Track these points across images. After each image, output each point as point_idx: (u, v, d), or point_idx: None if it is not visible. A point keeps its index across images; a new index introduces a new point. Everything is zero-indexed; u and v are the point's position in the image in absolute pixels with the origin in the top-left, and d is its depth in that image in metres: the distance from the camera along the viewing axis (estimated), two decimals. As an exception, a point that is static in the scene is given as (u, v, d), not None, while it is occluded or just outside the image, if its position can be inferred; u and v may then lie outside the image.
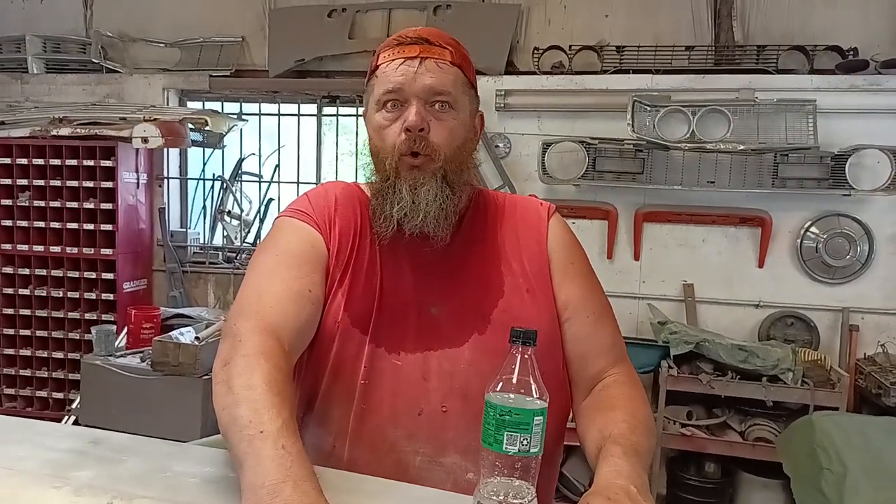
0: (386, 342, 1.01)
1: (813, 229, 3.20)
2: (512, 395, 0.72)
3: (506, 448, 0.71)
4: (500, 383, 0.74)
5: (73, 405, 2.87)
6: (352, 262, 1.03)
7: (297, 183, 3.77)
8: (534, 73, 3.40)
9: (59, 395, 3.65)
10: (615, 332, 1.10)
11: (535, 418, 0.72)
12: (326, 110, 3.72)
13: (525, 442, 0.71)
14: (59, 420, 2.76)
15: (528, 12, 3.49)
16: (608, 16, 3.42)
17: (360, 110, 1.09)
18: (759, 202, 3.21)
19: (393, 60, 1.01)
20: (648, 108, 3.14)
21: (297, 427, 0.78)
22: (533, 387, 0.74)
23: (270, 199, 3.85)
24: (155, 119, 3.44)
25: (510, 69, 3.46)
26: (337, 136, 3.68)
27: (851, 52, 3.11)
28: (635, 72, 3.28)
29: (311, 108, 3.79)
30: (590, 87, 3.31)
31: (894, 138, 3.05)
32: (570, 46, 3.36)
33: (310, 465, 0.73)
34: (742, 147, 3.02)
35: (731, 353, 2.89)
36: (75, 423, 2.68)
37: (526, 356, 0.74)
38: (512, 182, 3.36)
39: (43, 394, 3.68)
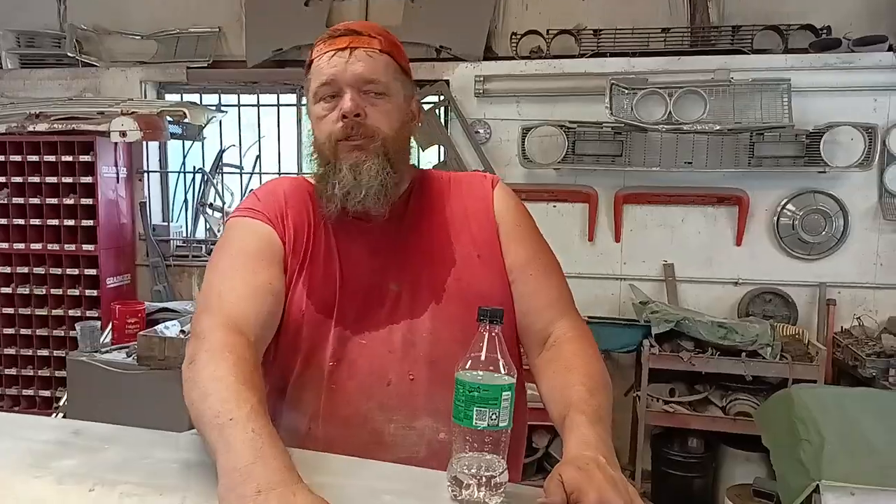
0: (351, 323, 1.06)
1: (789, 206, 3.25)
2: (480, 373, 0.75)
3: (476, 423, 0.74)
4: (469, 361, 0.76)
5: (61, 402, 2.87)
6: (309, 252, 1.08)
7: (279, 174, 3.77)
8: (512, 58, 3.41)
9: (46, 393, 3.64)
10: (561, 286, 1.14)
11: (503, 393, 0.74)
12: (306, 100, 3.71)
13: (494, 416, 0.74)
14: (47, 417, 2.77)
15: (505, -3, 3.49)
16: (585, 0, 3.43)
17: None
18: (736, 181, 3.26)
19: (325, 53, 1.06)
20: (626, 91, 3.16)
21: (266, 411, 0.80)
22: (500, 363, 0.76)
23: (252, 191, 3.83)
24: (133, 112, 3.43)
25: (488, 55, 3.46)
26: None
27: (825, 31, 3.15)
28: (612, 55, 3.30)
29: (291, 98, 3.78)
30: (568, 71, 3.33)
31: (867, 115, 3.10)
32: (548, 31, 3.37)
33: (281, 444, 0.75)
34: (718, 127, 3.06)
35: (710, 331, 2.94)
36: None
37: (493, 334, 0.77)
38: (493, 167, 3.38)
39: (30, 392, 3.68)
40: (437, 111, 3.47)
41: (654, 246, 3.39)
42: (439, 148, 3.47)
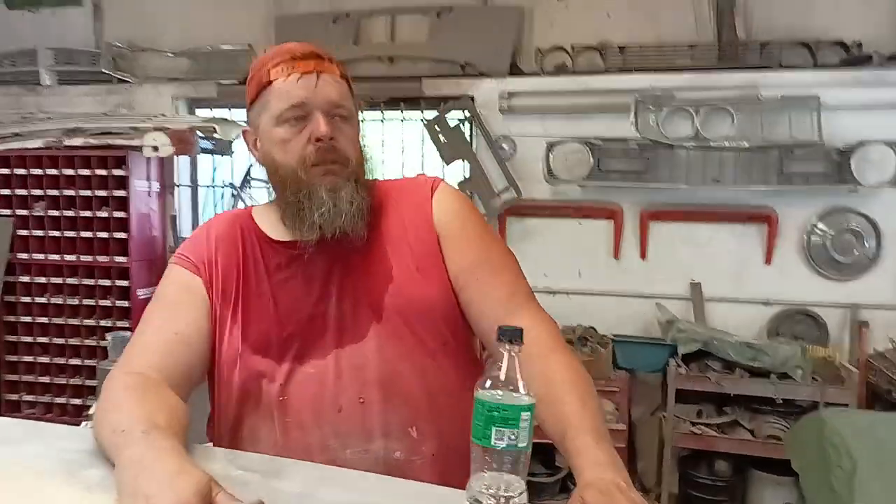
0: (295, 355, 1.05)
1: (820, 225, 3.19)
2: (500, 392, 0.75)
3: (494, 443, 0.73)
4: (489, 381, 0.76)
5: (90, 410, 2.92)
6: (240, 294, 1.07)
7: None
8: (537, 74, 3.42)
9: (77, 401, 3.71)
10: (513, 282, 1.10)
11: (523, 414, 0.74)
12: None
13: (513, 437, 0.74)
14: (77, 425, 2.81)
15: (530, 14, 3.51)
16: (610, 16, 3.43)
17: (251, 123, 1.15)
18: (765, 199, 3.21)
19: (290, 75, 1.04)
20: (652, 108, 3.15)
21: (167, 426, 0.83)
22: (520, 383, 0.76)
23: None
24: (165, 128, 3.50)
25: (513, 71, 3.48)
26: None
27: (855, 47, 3.10)
28: (638, 71, 3.29)
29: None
30: (593, 88, 3.32)
31: (899, 132, 3.04)
32: (573, 47, 3.38)
33: (176, 439, 0.80)
34: (747, 144, 3.03)
35: (739, 351, 2.89)
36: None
37: (513, 354, 0.77)
38: (517, 183, 3.38)
39: (61, 400, 3.74)
40: (461, 127, 3.49)
41: (681, 264, 3.35)
42: (464, 163, 3.49)
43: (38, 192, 3.67)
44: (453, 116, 3.47)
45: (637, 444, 3.25)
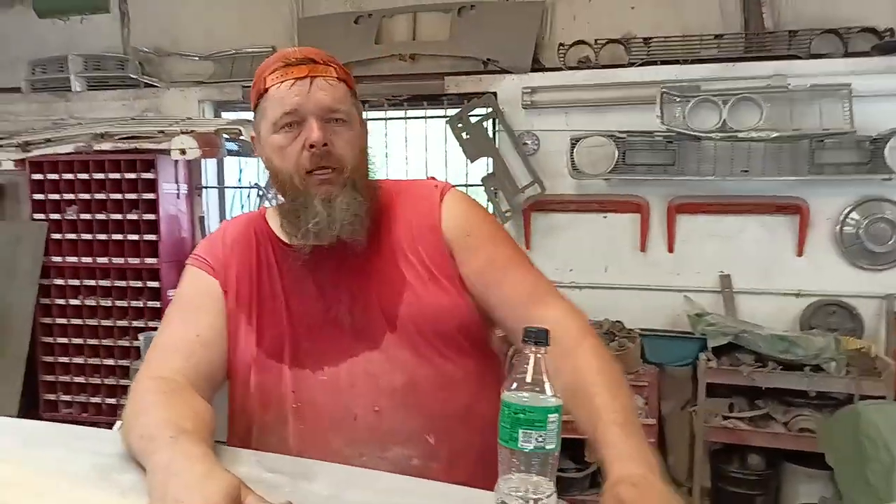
0: (308, 362, 1.05)
1: (853, 215, 3.12)
2: (526, 394, 0.74)
3: (522, 445, 0.73)
4: (514, 382, 0.76)
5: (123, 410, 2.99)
6: (255, 299, 1.08)
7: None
8: (560, 69, 3.39)
9: (112, 401, 3.79)
10: (530, 278, 1.09)
11: (550, 416, 0.74)
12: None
13: (541, 439, 0.73)
14: (111, 424, 2.88)
15: (552, 9, 3.48)
16: (634, 8, 3.39)
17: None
18: (796, 189, 3.15)
19: (283, 82, 1.04)
20: (678, 99, 3.11)
21: (195, 431, 0.84)
22: (546, 385, 0.75)
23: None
24: (192, 131, 3.55)
25: (536, 66, 3.46)
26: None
27: (887, 34, 3.03)
28: (663, 63, 3.25)
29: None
30: (617, 81, 3.29)
31: (935, 119, 2.96)
32: (596, 41, 3.35)
33: (204, 445, 0.81)
34: (776, 134, 2.97)
35: (771, 344, 2.85)
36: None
37: (539, 355, 0.76)
38: (541, 179, 3.37)
39: (96, 399, 3.83)
40: (484, 124, 3.48)
41: (710, 256, 3.30)
42: (487, 160, 3.48)
43: (69, 196, 3.75)
44: (476, 113, 3.46)
45: (667, 438, 3.22)
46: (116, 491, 0.80)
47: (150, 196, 3.63)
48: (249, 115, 3.87)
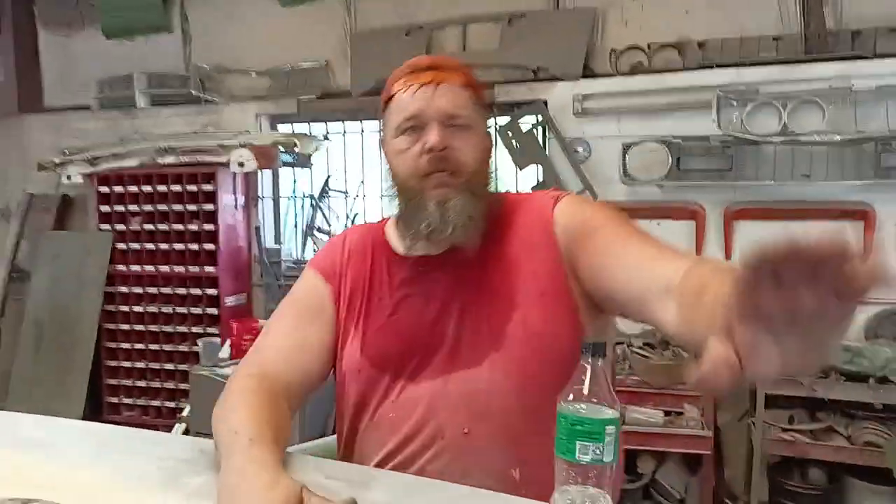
0: (408, 375, 1.05)
1: (923, 221, 2.98)
2: (583, 406, 0.75)
3: (579, 458, 0.73)
4: (572, 394, 0.76)
5: (184, 413, 3.09)
6: (363, 309, 1.10)
7: (381, 197, 3.89)
8: (612, 75, 3.36)
9: (171, 404, 3.92)
10: (653, 243, 0.98)
11: (607, 427, 0.73)
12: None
13: (598, 451, 0.73)
14: (170, 427, 2.97)
15: (603, 15, 3.45)
16: (688, 11, 3.33)
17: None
18: (860, 194, 3.03)
19: (408, 88, 1.06)
20: (735, 103, 3.04)
21: (272, 439, 0.87)
22: (604, 396, 0.75)
23: (356, 214, 3.99)
24: (249, 144, 3.65)
25: (587, 73, 3.43)
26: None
27: (957, 30, 2.89)
28: (719, 66, 3.18)
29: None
30: (671, 86, 3.23)
31: None
32: (649, 46, 3.30)
33: (276, 453, 0.84)
34: (839, 138, 2.87)
35: (834, 354, 2.74)
36: (186, 431, 2.88)
37: (597, 367, 0.76)
38: (592, 186, 3.33)
39: (156, 403, 3.97)
40: (535, 131, 3.47)
41: (769, 264, 3.20)
42: (537, 168, 3.47)
43: (134, 207, 3.92)
44: (526, 121, 3.46)
45: (724, 451, 3.13)
46: (182, 495, 0.83)
47: (210, 207, 3.76)
48: (304, 129, 4.02)
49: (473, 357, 1.03)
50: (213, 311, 3.79)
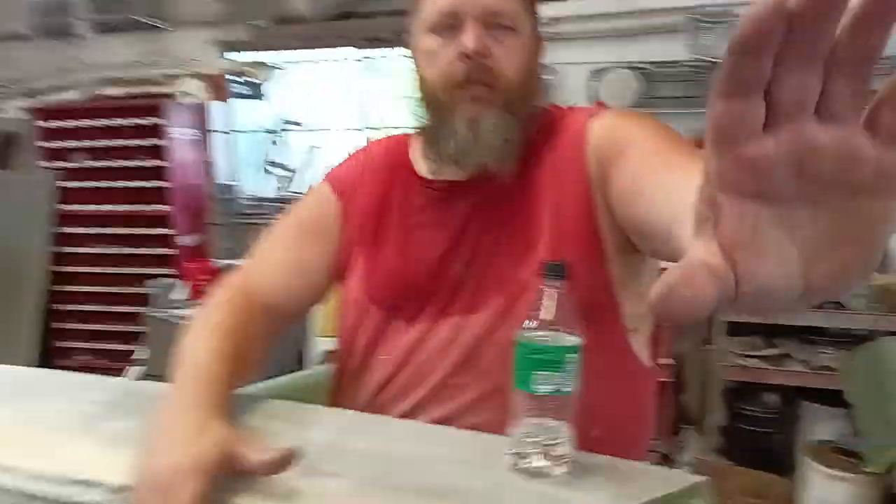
0: (406, 314, 0.94)
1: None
2: (542, 333, 0.68)
3: (537, 388, 0.67)
4: (529, 321, 0.69)
5: (137, 356, 3.00)
6: (373, 235, 0.98)
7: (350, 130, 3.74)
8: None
9: (124, 348, 3.79)
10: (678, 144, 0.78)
11: (567, 356, 0.67)
12: (371, 53, 3.62)
13: (558, 381, 0.67)
14: (122, 371, 2.88)
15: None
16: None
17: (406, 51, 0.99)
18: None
19: None
20: (709, 25, 2.93)
21: (222, 376, 0.78)
22: (565, 323, 0.69)
23: (314, 147, 3.83)
24: (198, 73, 3.45)
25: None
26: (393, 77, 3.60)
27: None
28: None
29: (356, 53, 3.70)
30: (642, 7, 3.11)
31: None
32: (618, -35, 3.15)
33: (220, 393, 0.75)
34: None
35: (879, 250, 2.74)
36: (146, 375, 2.80)
37: (558, 292, 0.69)
38: (560, 115, 3.23)
39: (109, 346, 3.84)
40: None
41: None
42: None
43: (76, 143, 3.69)
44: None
45: (683, 377, 3.18)
46: (96, 439, 0.75)
47: (159, 142, 3.56)
48: (258, 56, 3.80)
49: (473, 302, 0.90)
50: (166, 251, 3.65)
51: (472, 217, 0.93)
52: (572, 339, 0.68)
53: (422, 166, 0.99)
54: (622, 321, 0.91)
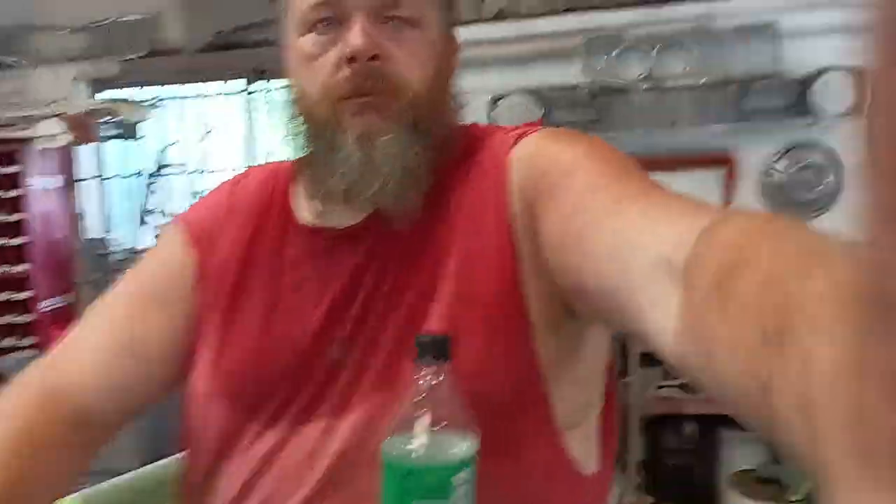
0: (262, 413, 0.69)
1: (780, 163, 3.00)
2: (416, 445, 0.47)
3: (416, 526, 0.47)
4: (401, 425, 0.49)
5: None
6: (234, 297, 0.73)
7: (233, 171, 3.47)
8: (476, 21, 3.11)
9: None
10: (658, 193, 0.60)
11: (456, 477, 0.47)
12: (257, 86, 3.40)
13: (444, 512, 0.47)
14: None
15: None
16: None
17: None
18: (724, 140, 3.00)
19: None
20: (603, 49, 2.91)
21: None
22: (452, 422, 0.49)
23: (197, 193, 3.54)
24: (61, 114, 3.11)
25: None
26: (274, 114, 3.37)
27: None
28: (587, 8, 3.02)
29: (239, 85, 3.46)
30: (538, 32, 3.05)
31: (859, 57, 2.83)
32: (511, -11, 3.08)
33: None
34: (704, 80, 2.82)
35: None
36: None
37: (438, 378, 0.49)
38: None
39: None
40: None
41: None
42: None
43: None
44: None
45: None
46: None
47: (16, 193, 3.16)
48: (131, 93, 3.48)
49: (347, 397, 0.67)
50: (25, 318, 3.20)
51: (359, 276, 0.69)
52: (462, 448, 0.48)
53: (303, 208, 0.75)
54: (553, 419, 0.67)
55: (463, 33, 2.49)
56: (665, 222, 0.53)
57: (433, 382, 0.49)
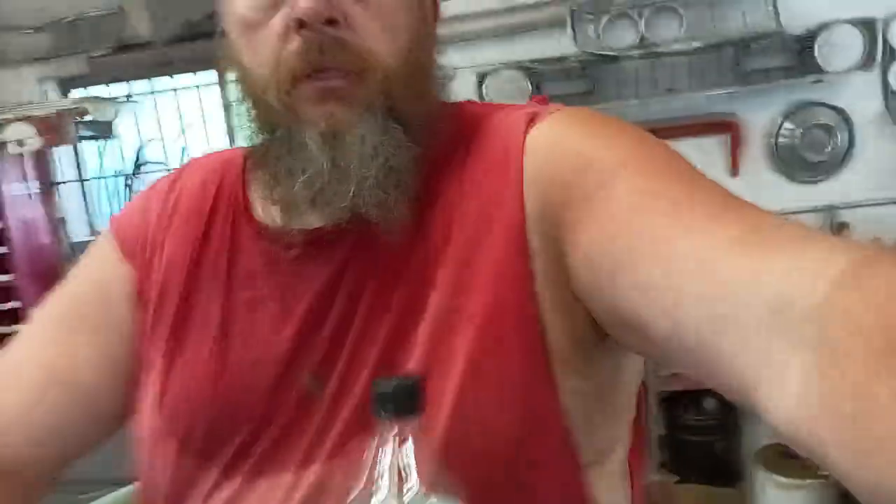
0: (218, 458, 0.57)
1: (787, 125, 2.87)
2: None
3: None
4: (356, 500, 0.37)
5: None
6: (176, 319, 0.62)
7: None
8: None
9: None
10: (741, 210, 0.50)
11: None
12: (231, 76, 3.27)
13: None
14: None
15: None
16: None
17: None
18: (725, 104, 2.87)
19: None
20: (591, 17, 2.76)
21: None
22: (427, 488, 0.38)
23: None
24: (28, 116, 2.98)
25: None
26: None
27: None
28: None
29: (212, 76, 3.32)
30: (524, 2, 2.90)
31: (866, 8, 2.70)
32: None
33: None
34: (697, 44, 2.68)
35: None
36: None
37: (403, 438, 0.38)
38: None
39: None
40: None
41: (642, 189, 3.01)
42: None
43: None
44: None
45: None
46: None
47: (-9, 201, 3.05)
48: (98, 91, 3.35)
49: (315, 444, 0.55)
50: (11, 328, 3.11)
51: (332, 291, 0.56)
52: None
53: (262, 206, 0.63)
54: (575, 456, 0.55)
55: (448, 7, 2.33)
56: (758, 253, 0.41)
57: (397, 442, 0.38)
